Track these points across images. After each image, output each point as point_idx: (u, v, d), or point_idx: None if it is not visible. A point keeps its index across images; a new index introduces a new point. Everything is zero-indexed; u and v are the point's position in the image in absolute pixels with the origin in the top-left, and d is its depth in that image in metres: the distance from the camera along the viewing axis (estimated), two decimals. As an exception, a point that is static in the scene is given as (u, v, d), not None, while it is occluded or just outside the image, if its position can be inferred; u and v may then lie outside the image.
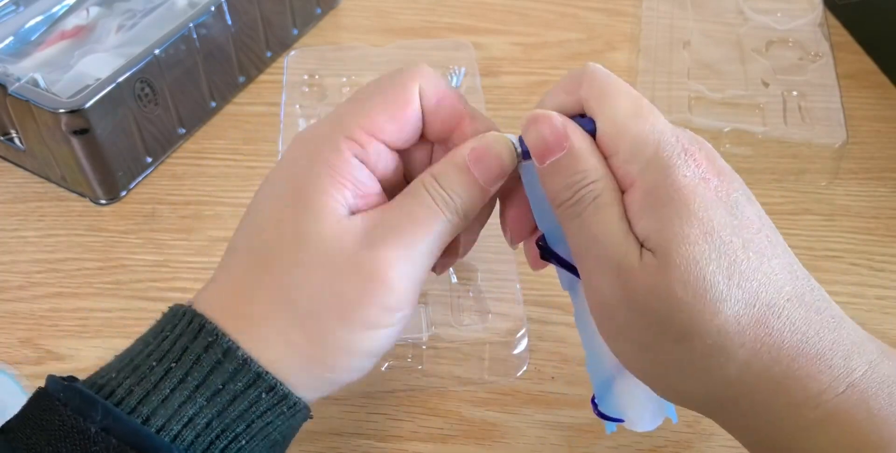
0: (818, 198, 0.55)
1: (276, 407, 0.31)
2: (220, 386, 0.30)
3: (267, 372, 0.31)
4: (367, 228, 0.32)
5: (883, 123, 0.59)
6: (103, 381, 0.30)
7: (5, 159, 0.57)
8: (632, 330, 0.30)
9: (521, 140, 0.33)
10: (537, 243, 0.35)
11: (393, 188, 0.34)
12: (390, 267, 0.31)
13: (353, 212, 0.32)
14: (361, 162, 0.33)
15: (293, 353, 0.31)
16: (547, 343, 0.47)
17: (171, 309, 0.33)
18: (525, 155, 0.33)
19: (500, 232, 0.49)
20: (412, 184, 0.33)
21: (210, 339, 0.31)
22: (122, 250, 0.52)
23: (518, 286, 0.47)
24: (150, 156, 0.56)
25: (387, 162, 0.34)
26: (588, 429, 0.43)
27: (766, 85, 0.58)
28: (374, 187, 0.33)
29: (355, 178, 0.32)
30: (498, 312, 0.46)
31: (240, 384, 0.30)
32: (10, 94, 0.50)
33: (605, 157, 0.31)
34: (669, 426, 0.43)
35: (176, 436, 0.29)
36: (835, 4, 0.67)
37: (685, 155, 0.30)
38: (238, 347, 0.31)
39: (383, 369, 0.44)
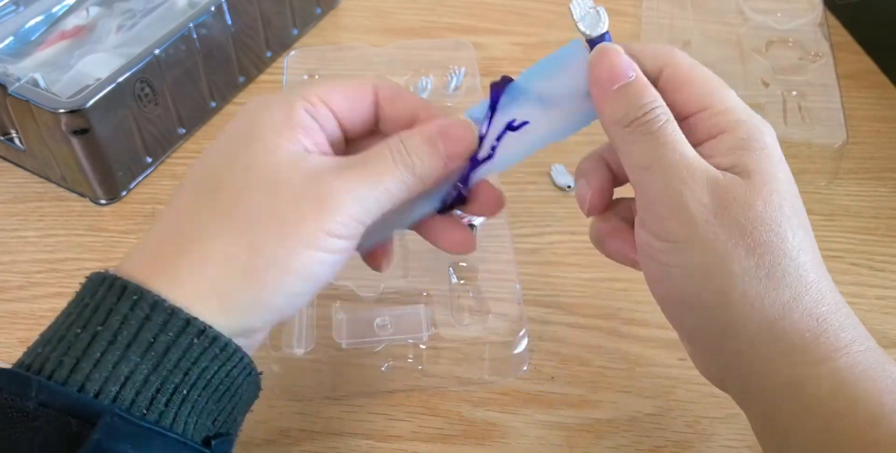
0: (818, 198, 0.55)
1: (209, 350, 0.32)
2: (152, 340, 0.31)
3: (195, 318, 0.31)
4: (322, 163, 0.33)
5: (883, 123, 0.59)
6: (30, 360, 0.31)
7: (5, 159, 0.57)
8: (707, 239, 0.32)
9: (590, 43, 0.34)
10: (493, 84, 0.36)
11: None
12: (336, 195, 0.32)
13: (302, 150, 0.34)
14: (312, 118, 0.35)
15: (231, 268, 0.32)
16: (547, 343, 0.47)
17: (87, 279, 0.33)
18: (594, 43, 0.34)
19: (500, 232, 0.49)
20: (382, 141, 0.35)
21: (135, 298, 0.31)
22: (122, 250, 0.52)
23: (518, 286, 0.47)
24: (150, 156, 0.56)
25: (334, 132, 0.36)
26: (588, 429, 0.43)
27: (766, 85, 0.58)
28: (324, 140, 0.35)
29: (307, 126, 0.34)
30: (498, 312, 0.46)
31: (171, 334, 0.31)
32: (10, 94, 0.50)
33: (692, 113, 0.34)
34: (670, 426, 0.43)
35: (116, 397, 0.30)
36: (835, 4, 0.67)
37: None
38: (164, 299, 0.31)
39: (383, 369, 0.44)
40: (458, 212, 0.50)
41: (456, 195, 0.36)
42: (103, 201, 0.55)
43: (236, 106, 0.61)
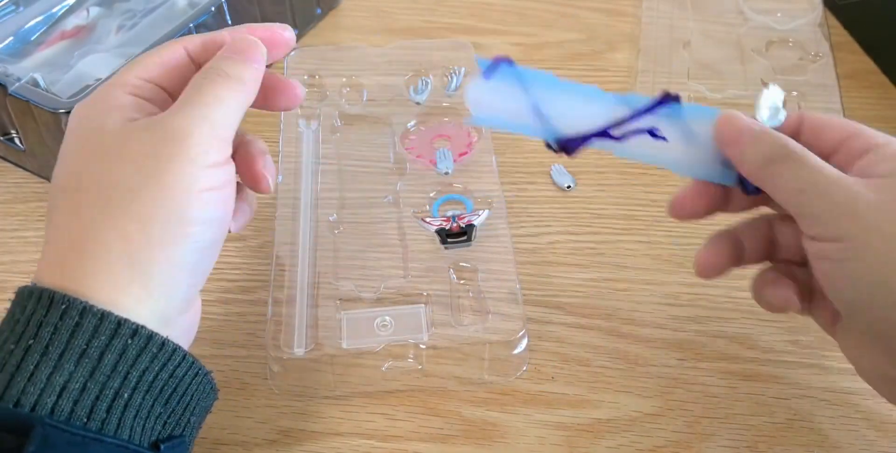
0: (818, 198, 0.55)
1: (146, 350, 0.32)
2: (85, 346, 0.30)
3: (127, 319, 0.31)
4: (154, 118, 0.34)
5: (883, 123, 0.59)
6: None
7: (5, 159, 0.57)
8: (880, 226, 0.33)
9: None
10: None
11: None
12: (183, 127, 0.33)
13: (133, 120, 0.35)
14: (136, 95, 0.36)
15: (134, 244, 0.32)
16: (547, 343, 0.47)
17: (16, 294, 0.33)
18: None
19: (500, 232, 0.49)
20: (190, 81, 0.36)
21: (63, 307, 0.31)
22: (123, 250, 0.52)
23: (518, 286, 0.47)
24: (150, 156, 0.56)
25: (166, 101, 0.37)
26: (588, 429, 0.43)
27: (766, 85, 0.58)
28: (156, 110, 0.36)
29: (128, 103, 0.35)
30: (498, 312, 0.46)
31: (103, 338, 0.31)
32: (10, 94, 0.50)
33: (839, 144, 0.36)
34: (670, 426, 0.43)
35: (53, 408, 0.29)
36: (835, 4, 0.67)
37: None
38: (93, 305, 0.31)
39: (383, 369, 0.44)
40: (459, 212, 0.50)
41: (561, 147, 0.38)
42: (103, 201, 0.55)
43: (236, 106, 0.61)
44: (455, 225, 0.49)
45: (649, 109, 0.38)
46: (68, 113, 0.48)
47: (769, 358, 0.46)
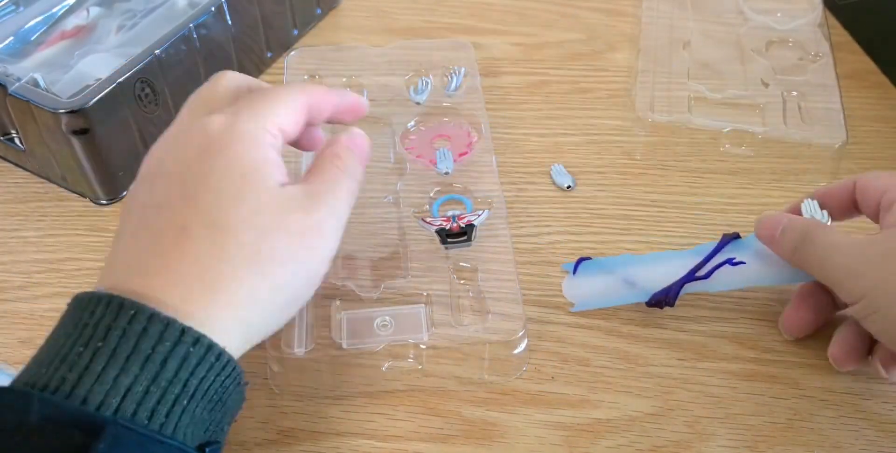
0: (818, 198, 0.55)
1: (205, 359, 0.33)
2: (151, 351, 0.32)
3: (191, 327, 0.32)
4: (297, 194, 0.37)
5: (883, 123, 0.59)
6: (34, 379, 0.31)
7: (5, 159, 0.57)
8: (886, 278, 0.38)
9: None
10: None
11: None
12: (326, 225, 0.37)
13: (283, 185, 0.37)
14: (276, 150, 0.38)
15: (258, 308, 0.35)
16: (547, 343, 0.47)
17: (77, 299, 0.34)
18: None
19: (500, 232, 0.49)
20: (321, 163, 0.40)
21: (132, 312, 0.32)
22: (123, 250, 0.52)
23: (518, 286, 0.47)
24: (150, 156, 0.56)
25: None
26: (588, 429, 0.43)
27: (765, 85, 0.58)
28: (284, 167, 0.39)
29: (280, 162, 0.38)
30: (498, 312, 0.46)
31: (168, 343, 0.32)
32: (10, 94, 0.50)
33: (876, 208, 0.42)
34: (670, 426, 0.43)
35: (118, 409, 0.30)
36: (835, 4, 0.67)
37: None
38: (160, 312, 0.32)
39: (383, 369, 0.44)
40: (459, 212, 0.50)
41: (662, 299, 0.46)
42: (103, 201, 0.55)
43: (236, 106, 0.61)
44: (455, 225, 0.49)
45: (718, 249, 0.46)
46: (68, 113, 0.49)
47: (769, 358, 0.46)
